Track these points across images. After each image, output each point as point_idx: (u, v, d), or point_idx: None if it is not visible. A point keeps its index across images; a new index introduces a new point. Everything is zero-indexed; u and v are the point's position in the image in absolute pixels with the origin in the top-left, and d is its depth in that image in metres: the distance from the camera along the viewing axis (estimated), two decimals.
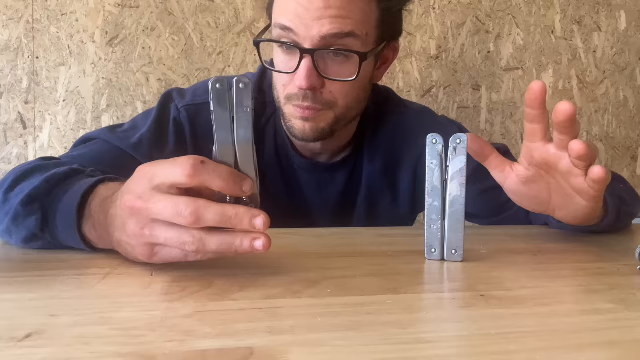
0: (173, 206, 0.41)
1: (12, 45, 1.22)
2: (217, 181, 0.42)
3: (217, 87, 0.43)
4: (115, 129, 0.77)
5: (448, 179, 0.51)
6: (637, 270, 0.51)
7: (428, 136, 0.52)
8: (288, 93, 0.73)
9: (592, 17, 1.46)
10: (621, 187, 0.73)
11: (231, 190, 0.42)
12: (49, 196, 0.52)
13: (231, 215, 0.42)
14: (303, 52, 0.68)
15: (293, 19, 0.68)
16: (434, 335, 0.34)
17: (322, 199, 0.85)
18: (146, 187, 0.43)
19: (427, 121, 0.86)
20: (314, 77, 0.69)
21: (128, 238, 0.44)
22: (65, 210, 0.50)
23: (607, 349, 0.33)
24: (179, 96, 0.81)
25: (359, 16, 0.70)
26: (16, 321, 0.34)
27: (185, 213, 0.41)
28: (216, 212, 0.41)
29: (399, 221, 0.89)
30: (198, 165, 0.41)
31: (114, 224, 0.46)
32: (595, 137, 1.50)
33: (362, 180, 0.85)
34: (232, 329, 0.34)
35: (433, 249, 0.53)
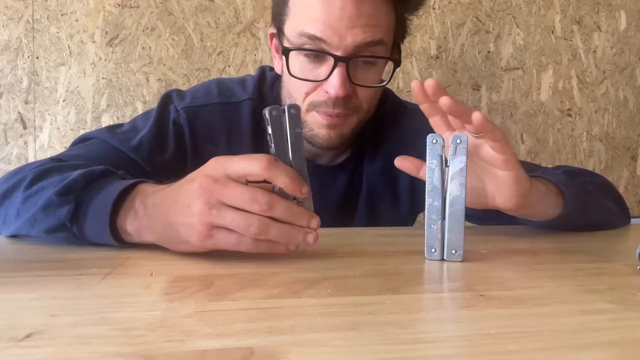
0: (250, 192, 0.46)
1: (12, 45, 1.22)
2: (285, 178, 0.47)
3: (273, 114, 0.49)
4: (115, 129, 0.77)
5: (448, 179, 0.51)
6: (637, 270, 0.51)
7: (428, 136, 0.52)
8: (313, 100, 0.72)
9: (592, 17, 1.46)
10: (587, 180, 0.73)
11: (293, 189, 0.48)
12: (85, 189, 0.54)
13: (296, 212, 0.48)
14: (337, 59, 0.68)
15: (325, 29, 0.68)
16: (434, 335, 0.34)
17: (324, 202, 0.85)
18: (221, 173, 0.47)
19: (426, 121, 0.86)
20: (348, 86, 0.70)
21: (191, 217, 0.47)
22: (100, 204, 0.52)
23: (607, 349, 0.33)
24: (178, 98, 0.80)
25: (385, 23, 0.71)
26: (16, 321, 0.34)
27: (262, 200, 0.46)
28: (286, 206, 0.47)
29: (399, 222, 0.89)
30: (273, 161, 0.47)
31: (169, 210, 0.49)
32: (595, 137, 1.50)
33: (363, 181, 0.85)
34: (232, 329, 0.34)
35: (433, 249, 0.53)
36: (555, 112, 1.47)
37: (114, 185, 0.53)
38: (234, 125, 0.81)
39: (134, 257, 0.51)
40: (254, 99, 0.81)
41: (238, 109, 0.81)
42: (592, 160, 1.50)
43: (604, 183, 0.78)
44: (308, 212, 0.49)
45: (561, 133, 1.48)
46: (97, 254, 0.51)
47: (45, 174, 0.58)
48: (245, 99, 0.81)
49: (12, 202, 0.57)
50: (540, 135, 1.47)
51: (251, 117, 0.81)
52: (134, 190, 0.53)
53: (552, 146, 1.48)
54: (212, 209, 0.46)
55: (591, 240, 0.68)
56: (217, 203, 0.46)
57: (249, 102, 0.81)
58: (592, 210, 0.68)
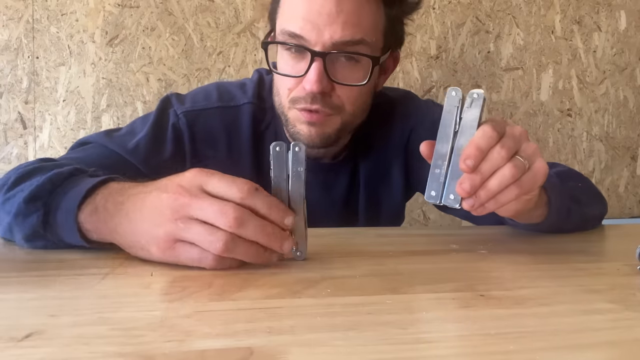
0: (220, 206, 0.44)
1: (12, 45, 1.22)
2: (265, 209, 0.46)
3: (277, 150, 0.49)
4: (112, 133, 0.77)
5: (459, 130, 0.52)
6: (637, 270, 0.51)
7: (449, 89, 0.53)
8: (293, 96, 0.72)
9: (592, 17, 1.46)
10: (578, 187, 0.72)
11: (273, 220, 0.46)
12: (52, 194, 0.52)
13: (269, 233, 0.46)
14: (314, 54, 0.68)
15: (304, 25, 0.68)
16: (434, 335, 0.34)
17: (329, 200, 0.85)
18: (197, 187, 0.46)
19: (410, 106, 0.86)
20: (325, 81, 0.69)
21: (155, 226, 0.45)
22: (67, 206, 0.50)
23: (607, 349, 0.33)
24: (177, 102, 0.80)
25: (369, 22, 0.70)
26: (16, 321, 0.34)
27: (230, 215, 0.44)
28: (258, 224, 0.45)
29: (396, 211, 0.89)
30: (252, 190, 0.45)
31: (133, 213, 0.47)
32: (595, 137, 1.50)
33: (360, 177, 0.85)
34: (231, 329, 0.34)
35: (433, 191, 0.53)
36: (555, 112, 1.47)
37: (80, 185, 0.52)
38: (234, 129, 0.81)
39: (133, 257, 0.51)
40: (254, 103, 0.81)
41: (238, 113, 0.81)
42: (592, 160, 1.50)
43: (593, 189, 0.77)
44: (283, 234, 0.47)
45: (561, 133, 1.48)
46: (97, 254, 0.51)
47: (27, 176, 0.56)
48: (245, 102, 0.81)
49: None
50: (540, 135, 1.47)
51: (251, 121, 0.81)
52: (99, 188, 0.51)
53: (552, 146, 1.48)
54: (179, 220, 0.45)
55: (591, 240, 0.68)
56: (185, 215, 0.45)
57: (249, 106, 0.81)
58: (571, 220, 0.67)
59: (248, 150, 0.81)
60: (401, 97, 0.89)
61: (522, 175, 0.51)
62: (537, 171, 0.52)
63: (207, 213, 0.44)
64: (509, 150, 0.50)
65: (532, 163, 0.52)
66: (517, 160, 0.51)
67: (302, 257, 0.51)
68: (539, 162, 0.52)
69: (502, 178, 0.50)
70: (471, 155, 0.49)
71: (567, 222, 0.67)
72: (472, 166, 0.49)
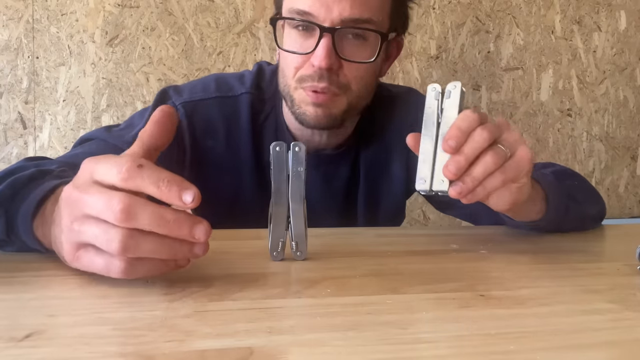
0: (106, 199, 0.37)
1: (12, 45, 1.22)
2: (151, 187, 0.37)
3: (277, 150, 0.49)
4: (112, 128, 0.78)
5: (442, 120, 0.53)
6: (637, 270, 0.51)
7: (429, 86, 0.54)
8: (301, 75, 0.72)
9: (592, 17, 1.46)
10: (575, 185, 0.72)
11: (167, 197, 0.37)
12: (13, 200, 0.49)
13: (169, 220, 0.37)
14: (323, 30, 0.69)
15: (313, 2, 0.69)
16: (434, 335, 0.34)
17: (329, 192, 0.85)
18: (87, 179, 0.39)
19: (412, 102, 0.87)
20: (333, 57, 0.70)
21: (61, 232, 0.40)
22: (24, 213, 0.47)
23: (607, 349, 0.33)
24: (175, 93, 0.80)
25: (376, 2, 0.71)
26: (16, 321, 0.34)
27: (115, 207, 0.36)
28: (152, 212, 0.37)
29: (396, 206, 0.89)
30: (133, 168, 0.37)
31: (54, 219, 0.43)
32: (595, 137, 1.50)
33: (360, 169, 0.85)
34: (232, 329, 0.34)
35: (423, 180, 0.54)
36: (555, 112, 1.47)
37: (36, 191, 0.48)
38: (232, 119, 0.81)
39: None
40: (252, 93, 0.81)
41: (236, 103, 0.81)
42: (592, 160, 1.50)
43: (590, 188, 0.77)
44: (190, 217, 0.38)
45: (561, 133, 1.48)
46: None
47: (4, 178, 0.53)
48: (243, 92, 0.81)
49: None
50: (540, 135, 1.47)
51: (250, 110, 0.81)
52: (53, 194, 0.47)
53: (552, 146, 1.48)
54: (74, 222, 0.38)
55: (591, 240, 0.68)
56: (80, 215, 0.38)
57: (247, 96, 0.81)
58: (569, 218, 0.67)
59: (247, 141, 0.81)
60: (404, 93, 0.89)
61: (505, 162, 0.52)
62: (521, 158, 0.52)
63: (96, 208, 0.37)
64: (490, 132, 0.51)
65: (515, 150, 0.52)
66: (497, 148, 0.51)
67: (302, 257, 0.51)
68: (522, 150, 0.53)
69: (485, 165, 0.51)
70: (453, 136, 0.50)
71: (566, 220, 0.67)
72: (455, 146, 0.50)
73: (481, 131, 0.50)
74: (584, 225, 0.73)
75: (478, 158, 0.51)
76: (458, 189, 0.51)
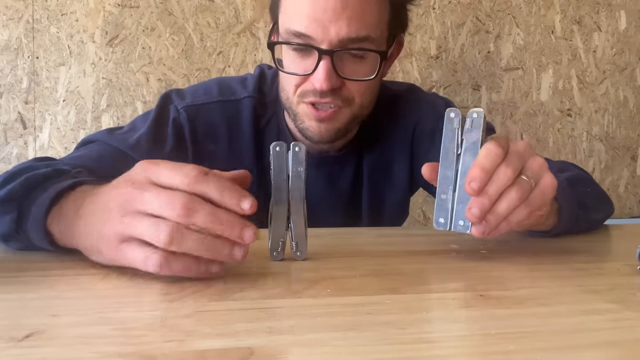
0: (166, 196, 0.40)
1: (12, 45, 1.22)
2: (215, 193, 0.41)
3: (277, 150, 0.49)
4: (115, 131, 0.78)
5: (462, 152, 0.51)
6: (637, 270, 0.51)
7: (447, 110, 0.52)
8: (303, 90, 0.72)
9: (592, 17, 1.46)
10: (587, 192, 0.71)
11: (230, 204, 0.41)
12: (27, 197, 0.51)
13: (223, 220, 0.40)
14: (322, 53, 0.68)
15: (309, 24, 0.68)
16: (434, 335, 0.34)
17: (334, 193, 0.85)
18: (143, 179, 0.42)
19: (414, 100, 0.87)
20: (334, 78, 0.69)
21: (103, 227, 0.42)
22: (37, 209, 0.49)
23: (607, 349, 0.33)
24: (178, 97, 0.80)
25: (374, 19, 0.70)
26: (16, 321, 0.34)
27: (177, 204, 0.39)
28: (209, 211, 0.40)
29: (400, 205, 0.89)
30: (201, 175, 0.41)
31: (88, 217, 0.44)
32: (595, 137, 1.50)
33: (364, 170, 0.85)
34: (232, 329, 0.34)
35: (441, 218, 0.52)
36: (555, 112, 1.47)
37: (50, 190, 0.50)
38: (234, 123, 0.81)
39: None
40: (255, 97, 0.82)
41: (239, 107, 0.81)
42: (592, 160, 1.50)
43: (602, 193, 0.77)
44: (241, 221, 0.41)
45: (561, 133, 1.48)
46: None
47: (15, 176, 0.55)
48: (246, 96, 0.81)
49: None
50: (540, 135, 1.47)
51: (252, 114, 0.81)
52: (68, 193, 0.49)
53: (552, 146, 1.48)
54: (125, 217, 0.41)
55: (591, 240, 0.68)
56: (132, 211, 0.41)
57: (250, 100, 0.81)
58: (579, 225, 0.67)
59: (249, 144, 0.81)
60: (405, 91, 0.89)
61: (530, 193, 0.50)
62: (545, 187, 0.51)
63: (154, 205, 0.40)
64: (514, 169, 0.49)
65: (540, 179, 0.51)
66: (522, 180, 0.49)
67: (302, 257, 0.51)
68: (546, 178, 0.51)
69: (509, 201, 0.49)
70: (476, 177, 0.48)
71: (574, 228, 0.67)
72: (478, 189, 0.48)
73: (505, 169, 0.48)
74: (590, 229, 0.73)
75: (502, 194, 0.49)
76: (482, 228, 0.49)
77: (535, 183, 0.50)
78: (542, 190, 0.51)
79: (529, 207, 0.50)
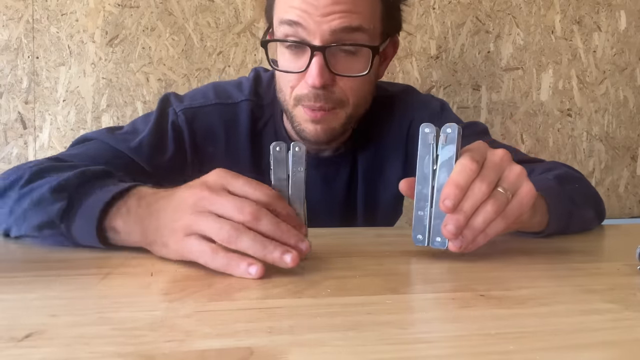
0: (238, 202, 0.45)
1: (12, 45, 1.22)
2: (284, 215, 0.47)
3: (277, 150, 0.49)
4: (114, 130, 0.78)
5: (437, 168, 0.51)
6: (637, 270, 0.51)
7: (421, 125, 0.52)
8: (297, 94, 0.72)
9: (592, 17, 1.46)
10: (575, 188, 0.71)
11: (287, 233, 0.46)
12: (80, 188, 0.53)
13: (284, 230, 0.46)
14: (314, 49, 0.68)
15: (301, 14, 0.68)
16: (434, 335, 0.34)
17: (330, 194, 0.85)
18: (220, 186, 0.47)
19: (409, 101, 0.87)
20: (326, 74, 0.69)
21: (174, 221, 0.46)
22: (92, 204, 0.51)
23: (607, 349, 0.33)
24: (176, 100, 0.81)
25: (366, 10, 0.70)
26: (16, 321, 0.34)
27: (246, 210, 0.44)
28: (273, 221, 0.45)
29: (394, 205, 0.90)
30: (277, 196, 0.47)
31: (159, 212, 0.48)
32: (595, 137, 1.50)
33: (359, 170, 0.86)
34: (231, 329, 0.34)
35: (419, 235, 0.53)
36: (555, 112, 1.47)
37: (109, 187, 0.53)
38: (232, 125, 0.81)
39: (134, 257, 0.51)
40: (252, 100, 0.82)
41: (236, 110, 0.81)
42: (592, 160, 1.50)
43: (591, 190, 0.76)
44: (298, 234, 0.46)
45: (561, 133, 1.48)
46: (97, 254, 0.51)
47: (42, 173, 0.58)
48: (243, 99, 0.82)
49: (6, 200, 0.57)
50: (540, 135, 1.47)
51: (249, 117, 0.81)
52: (130, 191, 0.52)
53: (552, 146, 1.48)
54: (194, 214, 0.45)
55: (591, 240, 0.68)
56: (203, 210, 0.45)
57: (247, 103, 0.82)
58: (571, 223, 0.67)
59: (246, 147, 0.81)
60: (401, 92, 0.89)
61: (507, 205, 0.50)
62: (523, 197, 0.51)
63: (225, 208, 0.45)
64: (489, 183, 0.49)
65: (517, 189, 0.51)
66: (498, 193, 0.50)
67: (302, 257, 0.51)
68: (524, 187, 0.51)
69: (485, 214, 0.49)
70: (450, 195, 0.48)
71: (569, 225, 0.67)
72: (452, 206, 0.48)
73: (480, 184, 0.49)
74: (585, 227, 0.73)
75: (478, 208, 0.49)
76: (458, 243, 0.50)
77: (513, 194, 0.51)
78: (519, 201, 0.51)
79: (505, 219, 0.50)
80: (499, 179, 0.51)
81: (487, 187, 0.49)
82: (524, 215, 0.53)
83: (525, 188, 0.51)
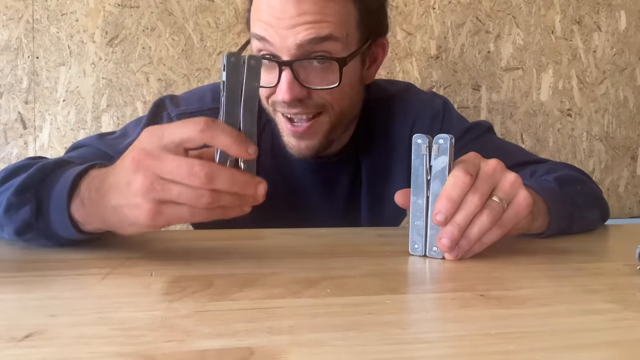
0: (187, 166, 0.43)
1: (12, 45, 1.22)
2: (226, 138, 0.44)
3: (231, 60, 0.46)
4: (106, 136, 0.78)
5: (431, 178, 0.52)
6: (637, 270, 0.51)
7: (414, 137, 0.52)
8: (273, 101, 0.72)
9: (592, 17, 1.46)
10: (578, 190, 0.70)
11: (236, 150, 0.44)
12: (42, 184, 0.51)
13: (241, 181, 0.44)
14: (281, 64, 0.67)
15: (267, 28, 0.67)
16: (434, 335, 0.34)
17: (331, 198, 0.85)
18: (155, 145, 0.44)
19: (411, 99, 0.86)
20: (297, 89, 0.68)
21: (134, 197, 0.44)
22: (57, 195, 0.49)
23: (607, 349, 0.33)
24: (172, 104, 0.80)
25: (335, 18, 0.68)
26: (16, 321, 0.34)
27: (200, 173, 0.42)
28: (229, 176, 0.44)
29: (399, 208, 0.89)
30: (210, 122, 0.44)
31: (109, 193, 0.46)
32: (595, 137, 1.50)
33: (363, 173, 0.85)
34: (231, 329, 0.34)
35: (416, 244, 0.54)
36: (555, 112, 1.47)
37: (67, 173, 0.51)
38: None
39: (133, 257, 0.51)
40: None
41: None
42: (592, 160, 1.50)
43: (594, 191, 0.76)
44: (254, 178, 0.45)
45: (561, 133, 1.48)
46: (97, 254, 0.51)
47: (16, 172, 0.56)
48: None
49: None
50: (540, 135, 1.47)
51: None
52: (82, 178, 0.50)
53: (552, 146, 1.48)
54: (154, 183, 0.43)
55: (591, 240, 0.68)
56: (156, 177, 0.43)
57: None
58: (573, 225, 0.66)
59: None
60: (401, 91, 0.87)
61: (503, 214, 0.50)
62: (519, 206, 0.51)
63: (177, 175, 0.43)
64: (482, 194, 0.49)
65: (513, 197, 0.51)
66: (493, 202, 0.50)
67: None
68: (520, 195, 0.51)
69: (481, 224, 0.50)
70: (442, 210, 0.49)
71: (570, 227, 0.66)
72: (444, 220, 0.49)
73: (473, 196, 0.49)
74: (587, 228, 0.72)
75: (473, 219, 0.50)
76: (455, 252, 0.51)
77: (509, 203, 0.51)
78: (515, 210, 0.51)
79: (502, 228, 0.51)
80: (493, 189, 0.51)
81: (479, 199, 0.49)
82: (522, 222, 0.54)
83: (521, 196, 0.51)
